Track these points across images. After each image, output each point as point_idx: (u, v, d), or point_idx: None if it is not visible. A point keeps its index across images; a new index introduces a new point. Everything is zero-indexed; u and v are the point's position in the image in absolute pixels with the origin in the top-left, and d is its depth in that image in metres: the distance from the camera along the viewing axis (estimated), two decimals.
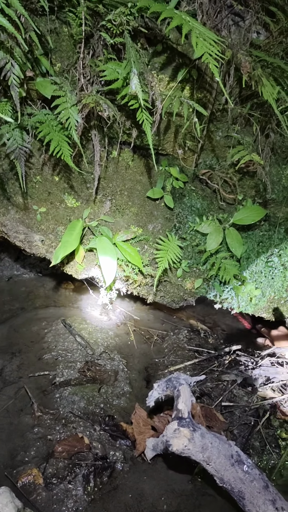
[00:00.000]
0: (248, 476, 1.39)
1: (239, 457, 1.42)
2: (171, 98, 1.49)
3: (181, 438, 1.35)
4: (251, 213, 2.06)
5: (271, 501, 1.38)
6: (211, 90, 1.76)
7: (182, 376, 1.53)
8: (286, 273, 2.37)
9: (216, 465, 1.39)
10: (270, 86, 1.41)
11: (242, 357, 2.19)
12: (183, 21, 1.17)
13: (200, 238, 2.12)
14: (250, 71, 1.44)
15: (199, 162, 2.08)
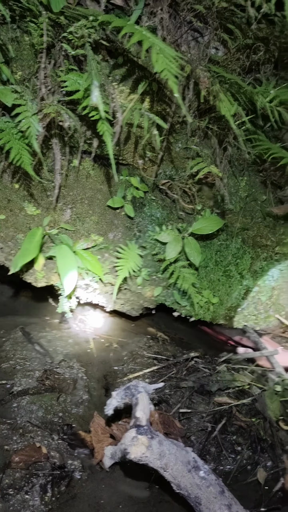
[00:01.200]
0: (205, 481, 1.42)
1: (196, 463, 1.45)
2: (131, 110, 1.51)
3: (139, 446, 1.37)
4: (209, 223, 2.11)
5: (227, 506, 1.41)
6: (171, 103, 1.80)
7: (140, 384, 1.55)
8: (243, 281, 2.44)
9: (173, 471, 1.41)
10: (227, 102, 1.46)
11: (200, 364, 2.23)
12: (144, 37, 1.20)
13: (159, 247, 2.15)
14: (209, 86, 1.49)
15: (159, 173, 2.12)
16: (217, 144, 1.87)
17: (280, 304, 2.68)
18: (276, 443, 1.83)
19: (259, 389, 2.06)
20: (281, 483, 1.69)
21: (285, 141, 2.04)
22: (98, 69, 1.35)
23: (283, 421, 1.93)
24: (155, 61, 1.18)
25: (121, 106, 1.53)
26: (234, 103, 1.60)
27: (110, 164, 2.00)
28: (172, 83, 1.16)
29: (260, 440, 1.85)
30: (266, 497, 1.65)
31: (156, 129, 1.57)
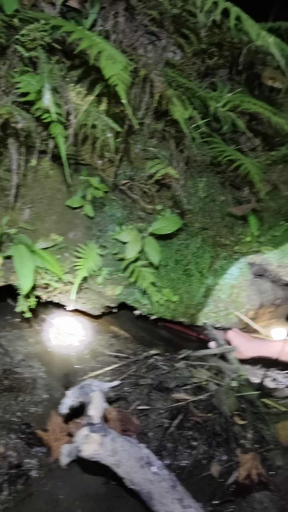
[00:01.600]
0: (157, 477, 1.46)
1: (148, 459, 1.48)
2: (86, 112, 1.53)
3: (91, 444, 1.39)
4: (168, 223, 2.15)
5: (179, 500, 1.45)
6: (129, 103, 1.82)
7: (95, 382, 1.58)
8: (202, 279, 2.49)
9: (126, 468, 1.44)
10: (180, 106, 1.50)
11: (160, 361, 2.27)
12: (93, 42, 1.22)
13: (120, 247, 2.18)
14: (162, 91, 1.52)
15: (119, 173, 2.14)
16: (174, 146, 1.90)
17: (240, 302, 2.74)
18: (230, 438, 1.88)
19: (216, 385, 2.12)
20: (235, 476, 1.75)
21: (241, 143, 2.10)
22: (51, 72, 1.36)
23: (238, 416, 1.99)
24: (103, 67, 1.20)
25: (75, 108, 1.55)
26: (189, 107, 1.63)
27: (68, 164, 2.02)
28: (120, 89, 1.19)
29: (215, 435, 1.90)
30: (219, 490, 1.70)
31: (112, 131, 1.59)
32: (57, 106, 1.38)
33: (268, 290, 2.92)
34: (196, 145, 1.90)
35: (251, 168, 1.59)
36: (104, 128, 1.55)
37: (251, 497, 1.64)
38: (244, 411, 2.03)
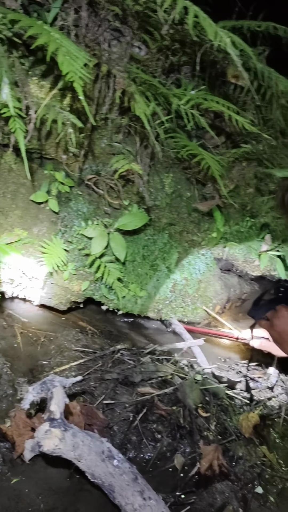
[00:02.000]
0: (118, 470, 1.48)
1: (110, 453, 1.50)
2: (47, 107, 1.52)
3: (52, 439, 1.40)
4: (134, 219, 2.16)
5: (139, 492, 1.47)
6: (93, 99, 1.82)
7: (57, 378, 1.58)
8: (170, 274, 2.51)
9: (87, 461, 1.45)
10: (142, 103, 1.50)
11: (126, 356, 2.28)
12: (51, 38, 1.21)
13: (86, 242, 2.18)
14: (124, 87, 1.52)
15: (85, 168, 2.14)
16: (139, 142, 1.91)
17: (207, 296, 2.78)
18: (194, 430, 1.92)
19: (181, 379, 2.15)
20: (197, 468, 1.78)
21: (206, 139, 2.12)
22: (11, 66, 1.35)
23: (202, 408, 2.03)
24: (61, 63, 1.20)
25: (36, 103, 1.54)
26: (152, 103, 1.64)
27: (33, 158, 2.01)
28: (77, 86, 1.18)
29: (179, 427, 1.93)
30: (182, 482, 1.73)
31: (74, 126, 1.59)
32: (16, 101, 1.37)
33: (235, 285, 2.98)
34: (161, 141, 1.91)
35: (211, 164, 1.60)
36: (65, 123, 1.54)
37: (212, 488, 1.67)
38: (208, 404, 2.07)
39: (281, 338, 1.53)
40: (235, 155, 1.93)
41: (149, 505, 1.40)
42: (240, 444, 1.89)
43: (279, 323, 1.53)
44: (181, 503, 1.62)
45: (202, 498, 1.62)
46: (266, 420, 2.05)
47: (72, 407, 1.81)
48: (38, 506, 1.57)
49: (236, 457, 1.84)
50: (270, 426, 2.04)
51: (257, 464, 1.82)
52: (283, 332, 1.51)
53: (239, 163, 2.10)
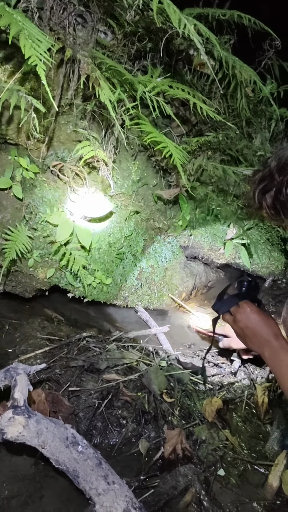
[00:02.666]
0: (82, 455, 1.49)
1: (74, 439, 1.51)
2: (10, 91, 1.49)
3: (15, 426, 1.40)
4: (101, 206, 2.15)
5: (103, 477, 1.49)
6: (57, 84, 1.80)
7: (20, 366, 1.57)
8: (136, 262, 2.52)
9: (51, 448, 1.46)
10: (107, 89, 1.49)
11: (92, 343, 2.29)
12: (13, 20, 1.18)
13: (51, 229, 2.16)
14: (88, 73, 1.50)
15: (51, 154, 2.11)
16: (105, 129, 1.89)
17: (173, 284, 2.81)
18: (158, 415, 1.95)
19: (146, 365, 2.17)
20: (161, 452, 1.81)
21: (172, 128, 2.12)
22: None
23: (167, 394, 2.06)
24: (23, 46, 1.17)
25: None
26: (117, 90, 1.63)
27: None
28: (40, 70, 1.16)
29: (144, 412, 1.95)
30: (146, 466, 1.76)
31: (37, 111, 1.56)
32: None
33: (200, 273, 3.01)
34: (127, 128, 1.90)
35: (174, 152, 1.60)
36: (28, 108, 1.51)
37: (176, 471, 1.70)
38: (172, 389, 2.10)
39: (243, 333, 1.57)
40: (199, 143, 1.93)
41: (113, 489, 1.42)
42: (203, 428, 1.93)
43: (242, 319, 1.57)
44: (145, 487, 1.64)
45: (166, 481, 1.65)
46: (229, 404, 2.10)
47: (37, 395, 1.81)
48: (3, 493, 1.57)
49: (199, 440, 1.88)
50: (233, 410, 2.09)
51: (219, 447, 1.86)
52: (246, 327, 1.55)
53: (204, 152, 2.12)
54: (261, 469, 1.79)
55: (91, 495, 1.44)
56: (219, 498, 1.66)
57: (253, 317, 1.55)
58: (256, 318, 1.54)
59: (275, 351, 1.47)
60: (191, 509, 1.58)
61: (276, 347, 1.47)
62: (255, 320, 1.54)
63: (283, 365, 1.43)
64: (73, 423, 1.83)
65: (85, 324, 2.63)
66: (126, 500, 1.41)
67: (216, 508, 1.59)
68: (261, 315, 1.56)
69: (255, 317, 1.55)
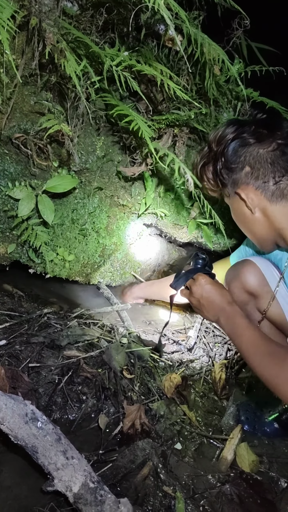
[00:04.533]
0: (42, 431, 1.50)
1: (33, 415, 1.51)
2: None
3: None
4: (63, 181, 2.11)
5: (62, 452, 1.50)
6: (21, 53, 1.73)
7: None
8: (99, 239, 2.51)
9: (10, 424, 1.45)
10: (73, 61, 1.45)
11: (52, 320, 2.28)
12: None
13: (12, 203, 2.11)
14: (54, 43, 1.45)
15: (13, 125, 2.04)
16: (69, 102, 1.85)
17: (136, 261, 2.82)
18: (118, 391, 1.97)
19: (107, 342, 2.19)
20: (120, 427, 1.84)
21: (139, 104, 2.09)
22: None
23: (127, 370, 2.08)
24: None
25: None
26: (83, 62, 1.58)
27: None
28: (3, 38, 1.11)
29: (104, 388, 1.97)
30: (105, 441, 1.79)
31: None
32: None
33: (163, 251, 3.04)
34: (93, 102, 1.86)
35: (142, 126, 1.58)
36: None
37: (134, 445, 1.74)
38: (133, 366, 2.13)
39: (199, 304, 1.67)
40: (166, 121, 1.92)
41: (72, 464, 1.44)
42: (162, 404, 1.97)
43: (197, 290, 1.67)
44: (104, 461, 1.67)
45: (124, 455, 1.68)
46: (188, 380, 2.15)
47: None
48: None
49: (158, 416, 1.92)
50: (191, 386, 2.14)
51: (177, 422, 1.91)
52: (201, 297, 1.65)
53: (170, 129, 2.10)
54: (216, 443, 1.85)
55: (49, 470, 1.45)
56: (176, 471, 1.71)
57: (208, 287, 1.66)
58: (210, 288, 1.65)
59: (230, 316, 1.58)
60: (148, 481, 1.63)
61: (231, 313, 1.58)
62: (210, 290, 1.65)
63: (239, 327, 1.54)
64: (32, 399, 1.83)
65: (46, 301, 2.61)
66: (85, 474, 1.43)
67: (173, 480, 1.64)
68: (215, 285, 1.67)
69: (209, 287, 1.66)
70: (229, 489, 1.64)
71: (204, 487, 1.66)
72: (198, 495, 1.63)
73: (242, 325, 1.53)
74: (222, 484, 1.66)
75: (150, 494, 1.61)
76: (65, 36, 1.59)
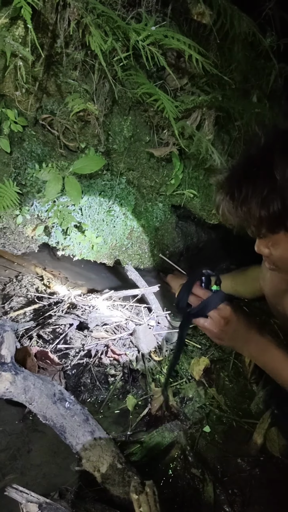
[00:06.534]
0: (69, 411, 1.51)
1: (61, 395, 1.52)
2: None
3: (2, 382, 1.40)
4: (90, 162, 2.08)
5: (90, 432, 1.51)
6: (47, 31, 1.70)
7: (7, 323, 1.57)
8: (127, 221, 2.48)
9: (38, 404, 1.47)
10: (99, 37, 1.41)
11: (81, 302, 2.28)
12: None
13: (40, 185, 2.10)
14: (78, 18, 1.42)
15: (40, 106, 2.02)
16: (96, 80, 1.81)
17: (164, 244, 2.79)
18: (146, 373, 1.97)
19: (135, 324, 2.18)
20: (148, 409, 1.84)
21: (167, 81, 2.03)
22: None
23: (155, 352, 2.08)
24: None
25: None
26: (109, 38, 1.54)
27: None
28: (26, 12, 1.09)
29: (132, 370, 1.97)
30: (133, 422, 1.79)
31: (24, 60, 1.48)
32: None
33: (192, 233, 2.99)
34: (120, 79, 1.81)
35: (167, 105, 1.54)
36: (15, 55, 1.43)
37: (162, 427, 1.73)
38: (160, 348, 2.11)
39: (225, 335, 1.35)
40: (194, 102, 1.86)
41: (99, 445, 1.45)
42: (191, 387, 1.95)
43: (225, 323, 1.33)
44: (131, 442, 1.67)
45: (152, 437, 1.68)
46: (217, 364, 2.13)
47: (25, 352, 1.81)
48: None
49: (186, 398, 1.91)
50: (220, 369, 2.11)
51: (205, 405, 1.89)
52: (230, 332, 1.34)
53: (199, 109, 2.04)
54: (245, 426, 1.83)
55: (77, 450, 1.46)
56: (204, 453, 1.70)
57: (236, 319, 1.34)
58: (238, 319, 1.35)
59: (263, 349, 1.37)
60: (176, 464, 1.62)
61: (263, 344, 1.36)
62: (237, 321, 1.35)
63: (275, 361, 1.35)
64: (61, 380, 1.85)
65: (74, 283, 2.62)
66: (112, 455, 1.43)
67: (201, 463, 1.63)
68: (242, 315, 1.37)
69: (237, 318, 1.35)
70: (259, 474, 1.62)
71: (233, 470, 1.64)
72: (227, 478, 1.61)
73: (279, 358, 1.33)
74: (251, 468, 1.64)
75: (178, 476, 1.60)
76: (91, 11, 1.55)
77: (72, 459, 1.56)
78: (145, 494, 1.21)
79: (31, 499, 1.24)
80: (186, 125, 1.80)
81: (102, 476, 1.40)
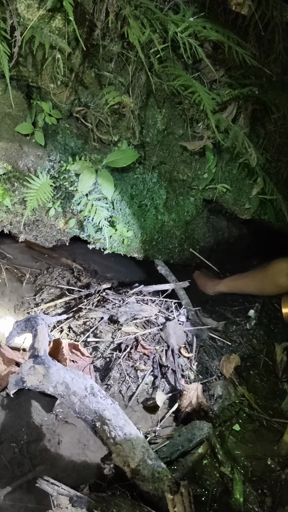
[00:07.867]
0: (100, 405, 1.51)
1: (92, 389, 1.52)
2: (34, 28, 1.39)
3: (36, 375, 1.41)
4: (124, 155, 2.07)
5: (120, 427, 1.51)
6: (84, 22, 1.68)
7: (41, 316, 1.58)
8: (158, 215, 2.46)
9: (69, 397, 1.47)
10: (137, 28, 1.39)
11: (111, 295, 2.28)
12: None
13: (73, 178, 2.10)
14: (117, 10, 1.40)
15: (74, 99, 2.02)
16: (131, 72, 1.79)
17: (195, 239, 2.76)
18: (176, 369, 1.95)
19: (165, 319, 2.16)
20: (177, 405, 1.83)
21: (203, 73, 1.99)
22: None
23: (185, 348, 2.06)
24: None
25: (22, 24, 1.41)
26: (147, 29, 1.52)
27: (21, 86, 1.89)
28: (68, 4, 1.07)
29: (161, 366, 1.97)
30: (162, 417, 1.79)
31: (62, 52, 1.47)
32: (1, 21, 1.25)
33: (223, 228, 2.95)
34: (156, 72, 1.79)
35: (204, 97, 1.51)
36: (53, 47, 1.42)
37: (192, 424, 1.72)
38: (190, 345, 2.10)
39: None
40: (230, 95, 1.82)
41: (130, 440, 1.44)
42: (220, 384, 1.94)
43: None
44: (161, 438, 1.67)
45: (181, 433, 1.67)
46: (247, 361, 2.10)
47: (56, 344, 1.82)
48: (21, 437, 1.61)
49: (216, 396, 1.89)
50: (250, 367, 2.09)
51: (235, 403, 1.88)
52: None
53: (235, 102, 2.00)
54: (276, 426, 1.80)
55: (108, 444, 1.46)
56: (234, 452, 1.68)
57: None
58: None
59: None
60: (205, 461, 1.61)
61: None
62: None
63: None
64: (91, 373, 1.85)
65: (104, 276, 2.62)
66: (142, 450, 1.43)
67: (230, 461, 1.61)
68: None
69: None
70: None
71: (263, 470, 1.62)
72: (257, 478, 1.59)
73: None
74: (282, 469, 1.62)
75: (207, 473, 1.59)
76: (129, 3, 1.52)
77: (102, 453, 1.56)
78: (180, 495, 1.20)
79: (62, 492, 1.25)
80: (222, 118, 1.77)
81: (132, 471, 1.39)
